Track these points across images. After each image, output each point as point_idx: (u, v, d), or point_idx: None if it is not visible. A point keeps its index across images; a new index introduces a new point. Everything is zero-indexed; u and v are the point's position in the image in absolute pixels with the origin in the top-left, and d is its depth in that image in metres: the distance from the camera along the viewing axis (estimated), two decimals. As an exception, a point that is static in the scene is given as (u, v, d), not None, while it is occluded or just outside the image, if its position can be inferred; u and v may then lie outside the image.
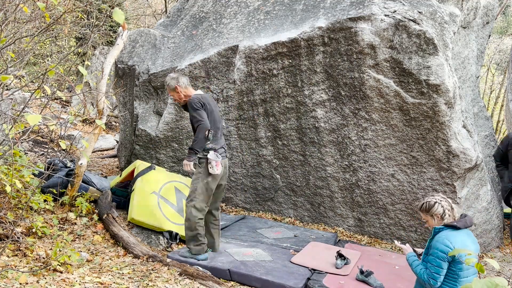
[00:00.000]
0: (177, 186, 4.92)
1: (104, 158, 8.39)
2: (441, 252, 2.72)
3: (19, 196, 4.01)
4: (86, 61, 7.22)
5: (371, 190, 5.09)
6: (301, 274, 3.79)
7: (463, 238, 2.76)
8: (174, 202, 4.73)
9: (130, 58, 6.08)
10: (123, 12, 1.69)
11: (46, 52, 12.37)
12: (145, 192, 4.60)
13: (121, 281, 3.29)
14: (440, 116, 4.58)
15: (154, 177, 4.80)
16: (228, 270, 3.79)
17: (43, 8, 2.74)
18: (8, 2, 4.31)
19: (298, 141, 5.29)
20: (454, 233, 2.76)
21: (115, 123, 11.47)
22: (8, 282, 2.89)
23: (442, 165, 4.74)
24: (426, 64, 4.50)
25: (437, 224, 2.87)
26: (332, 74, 4.92)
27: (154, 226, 4.44)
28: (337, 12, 4.87)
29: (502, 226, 5.66)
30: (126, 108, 6.34)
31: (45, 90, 2.60)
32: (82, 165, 4.65)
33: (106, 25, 13.64)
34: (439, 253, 2.73)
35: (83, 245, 3.99)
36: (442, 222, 2.85)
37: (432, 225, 2.90)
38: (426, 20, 4.55)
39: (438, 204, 2.86)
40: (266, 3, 5.66)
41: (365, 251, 4.59)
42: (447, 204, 2.88)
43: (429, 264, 2.79)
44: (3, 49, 3.62)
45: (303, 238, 4.81)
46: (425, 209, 2.91)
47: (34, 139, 7.63)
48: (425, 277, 2.79)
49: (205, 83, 5.44)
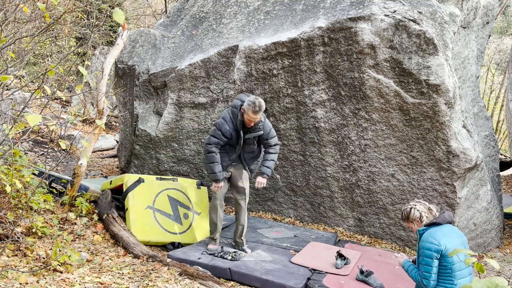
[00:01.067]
0: (170, 194, 4.79)
1: (104, 158, 8.39)
2: (427, 250, 2.77)
3: (19, 196, 4.01)
4: (86, 61, 7.22)
5: (371, 190, 5.09)
6: (301, 274, 3.79)
7: (446, 232, 2.82)
8: (170, 211, 4.65)
9: (130, 58, 6.08)
10: (123, 12, 1.69)
11: (46, 52, 12.37)
12: (140, 209, 4.49)
13: (121, 281, 3.29)
14: (440, 116, 4.58)
15: (145, 190, 4.65)
16: (229, 269, 3.79)
17: (43, 8, 2.74)
18: (8, 2, 4.31)
19: (298, 141, 5.29)
20: (437, 229, 2.84)
21: (115, 123, 11.47)
22: (8, 282, 2.89)
23: (442, 165, 4.75)
24: (426, 64, 4.50)
25: (419, 227, 2.95)
26: (332, 74, 4.92)
27: (157, 242, 4.43)
28: (337, 12, 4.87)
29: (502, 226, 5.66)
30: (126, 108, 6.34)
31: (45, 90, 2.60)
32: (82, 165, 4.65)
33: (106, 25, 13.64)
34: (425, 251, 2.78)
35: (83, 245, 3.99)
36: (422, 225, 2.93)
37: (415, 230, 2.99)
38: (426, 20, 4.55)
39: (414, 209, 2.96)
40: (266, 3, 5.66)
41: (365, 251, 4.59)
42: (423, 207, 2.97)
43: (419, 265, 2.84)
44: (3, 49, 3.62)
45: (303, 238, 4.81)
46: (405, 218, 3.01)
47: (34, 139, 7.63)
48: (418, 278, 2.83)
49: (205, 83, 5.44)
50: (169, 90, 5.57)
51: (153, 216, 4.51)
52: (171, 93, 5.56)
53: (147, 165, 5.93)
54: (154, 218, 4.50)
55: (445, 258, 2.76)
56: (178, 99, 5.54)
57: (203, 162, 4.46)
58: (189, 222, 4.72)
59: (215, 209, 4.32)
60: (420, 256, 2.84)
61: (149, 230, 4.41)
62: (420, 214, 2.92)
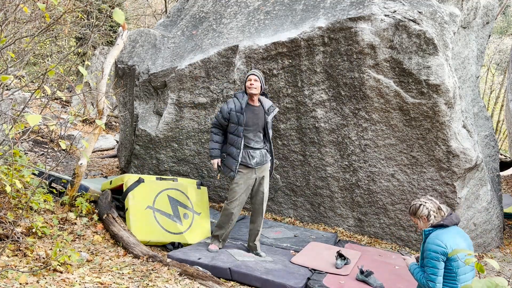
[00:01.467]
0: (170, 194, 4.80)
1: (104, 158, 8.39)
2: (434, 252, 2.74)
3: (19, 196, 4.01)
4: (86, 61, 7.22)
5: (371, 190, 5.09)
6: (301, 274, 3.79)
7: (453, 235, 2.78)
8: (170, 211, 4.65)
9: (130, 58, 6.08)
10: (123, 12, 1.69)
11: (46, 52, 12.37)
12: (140, 209, 4.50)
13: (121, 281, 3.30)
14: (440, 116, 4.58)
15: (145, 190, 4.66)
16: (229, 269, 3.79)
17: (43, 8, 2.74)
18: (8, 2, 4.32)
19: (298, 141, 5.29)
20: (444, 231, 2.80)
21: (115, 123, 11.47)
22: (8, 282, 2.89)
23: (442, 165, 4.75)
24: (426, 64, 4.50)
25: (424, 226, 2.91)
26: (332, 74, 4.92)
27: (157, 242, 4.43)
28: (337, 12, 4.87)
29: (502, 226, 5.66)
30: (126, 108, 6.34)
31: (45, 90, 2.60)
32: (82, 165, 4.65)
33: (106, 25, 13.64)
34: (432, 253, 2.75)
35: (83, 245, 3.99)
36: (429, 224, 2.88)
37: (420, 227, 2.95)
38: (426, 20, 4.55)
39: (423, 206, 2.90)
40: (266, 3, 5.66)
41: (365, 251, 4.59)
42: (433, 205, 2.91)
43: (425, 267, 2.81)
44: (3, 49, 3.62)
45: (303, 238, 4.81)
46: (412, 212, 2.96)
47: (34, 139, 7.63)
48: (424, 281, 2.80)
49: (205, 83, 5.44)
50: (169, 90, 5.57)
51: (153, 216, 4.51)
52: (171, 93, 5.56)
53: (147, 165, 5.93)
54: (154, 218, 4.50)
55: (450, 261, 2.73)
56: (178, 99, 5.54)
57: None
58: (189, 222, 4.72)
59: (229, 217, 4.18)
60: (425, 258, 2.80)
61: (149, 230, 4.41)
62: (429, 213, 2.87)
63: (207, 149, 5.65)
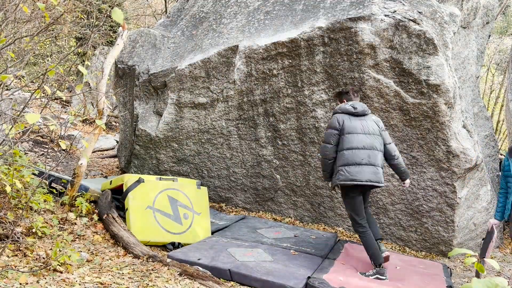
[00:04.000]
0: (170, 194, 4.78)
1: (104, 158, 8.39)
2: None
3: (19, 196, 4.01)
4: (86, 61, 7.23)
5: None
6: (301, 274, 3.79)
7: None
8: (170, 212, 4.65)
9: (130, 58, 6.08)
10: (122, 12, 1.69)
11: (46, 52, 12.37)
12: (140, 209, 4.49)
13: (121, 281, 3.29)
14: (440, 116, 4.58)
15: (145, 190, 4.65)
16: (229, 270, 3.79)
17: (43, 8, 2.74)
18: (8, 2, 4.32)
19: (298, 141, 5.29)
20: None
21: (115, 123, 11.47)
22: (8, 282, 2.89)
23: (442, 165, 4.75)
24: (426, 64, 4.50)
25: None
26: (332, 74, 4.92)
27: (156, 242, 4.43)
28: (337, 12, 4.87)
29: (502, 226, 5.66)
30: (126, 108, 6.34)
31: (45, 90, 2.60)
32: (82, 165, 4.65)
33: (106, 25, 13.63)
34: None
35: (83, 245, 3.99)
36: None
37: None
38: (426, 20, 4.55)
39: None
40: (266, 3, 5.66)
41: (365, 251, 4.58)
42: None
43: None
44: (3, 49, 3.62)
45: (303, 238, 4.81)
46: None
47: (34, 139, 7.63)
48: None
49: (205, 83, 5.44)
50: (169, 90, 5.57)
51: (153, 216, 4.51)
52: (171, 93, 5.56)
53: (147, 165, 5.93)
54: (154, 218, 4.50)
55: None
56: (178, 99, 5.54)
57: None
58: (189, 222, 4.72)
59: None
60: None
61: (149, 230, 4.41)
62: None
63: (207, 149, 5.65)
